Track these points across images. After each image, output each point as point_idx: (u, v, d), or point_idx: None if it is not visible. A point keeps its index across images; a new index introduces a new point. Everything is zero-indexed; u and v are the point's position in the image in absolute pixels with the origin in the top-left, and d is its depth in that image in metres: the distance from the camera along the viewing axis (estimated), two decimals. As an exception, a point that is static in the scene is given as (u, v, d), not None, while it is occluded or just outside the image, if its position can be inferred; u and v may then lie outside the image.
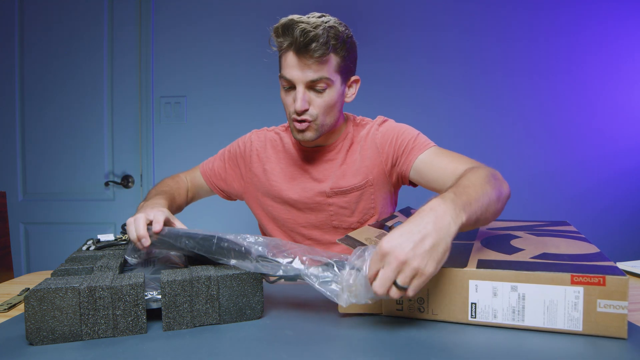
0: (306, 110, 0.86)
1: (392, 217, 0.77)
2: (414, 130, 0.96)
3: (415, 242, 0.48)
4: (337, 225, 1.00)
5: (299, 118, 0.87)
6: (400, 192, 1.09)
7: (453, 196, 0.56)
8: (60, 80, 1.94)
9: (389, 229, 0.67)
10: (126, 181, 1.93)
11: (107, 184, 1.92)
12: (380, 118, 1.02)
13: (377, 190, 0.97)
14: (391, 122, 0.99)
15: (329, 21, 0.83)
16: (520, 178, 1.85)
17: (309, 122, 0.87)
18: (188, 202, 1.11)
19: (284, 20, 0.82)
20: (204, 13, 1.92)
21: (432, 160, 0.88)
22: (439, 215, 0.51)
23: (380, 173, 0.96)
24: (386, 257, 0.47)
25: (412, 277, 0.47)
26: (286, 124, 1.04)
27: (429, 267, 0.47)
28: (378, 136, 0.96)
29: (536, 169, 1.85)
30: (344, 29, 0.86)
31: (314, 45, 0.79)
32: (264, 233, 1.10)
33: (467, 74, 1.86)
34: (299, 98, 0.84)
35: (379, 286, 0.47)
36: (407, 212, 0.85)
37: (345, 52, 0.86)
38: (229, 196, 1.12)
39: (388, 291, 0.47)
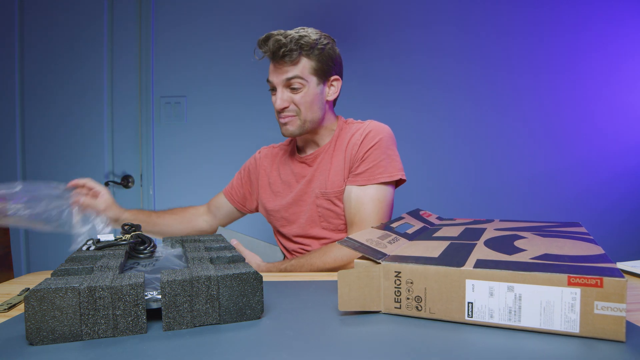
0: (286, 107, 0.99)
1: (399, 218, 0.77)
2: (385, 152, 0.98)
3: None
4: (326, 227, 1.02)
5: (281, 115, 1.00)
6: (396, 196, 1.09)
7: (279, 265, 0.93)
8: (61, 79, 1.95)
9: (393, 230, 0.67)
10: (126, 181, 1.93)
11: (107, 184, 1.92)
12: (369, 122, 1.04)
13: None
14: (372, 132, 1.00)
15: (304, 33, 0.97)
16: (519, 178, 1.85)
17: (293, 116, 1.00)
18: (203, 215, 1.23)
19: (264, 35, 0.97)
20: (204, 13, 1.92)
21: (354, 196, 0.97)
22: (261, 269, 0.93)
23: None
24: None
25: None
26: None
27: None
28: (356, 137, 1.00)
29: (536, 169, 1.85)
30: (317, 37, 0.98)
31: (282, 51, 0.94)
32: (276, 236, 1.16)
33: (468, 73, 1.86)
34: (278, 97, 0.99)
35: None
36: (417, 214, 0.84)
37: (319, 57, 0.98)
38: (245, 205, 1.21)
39: None
